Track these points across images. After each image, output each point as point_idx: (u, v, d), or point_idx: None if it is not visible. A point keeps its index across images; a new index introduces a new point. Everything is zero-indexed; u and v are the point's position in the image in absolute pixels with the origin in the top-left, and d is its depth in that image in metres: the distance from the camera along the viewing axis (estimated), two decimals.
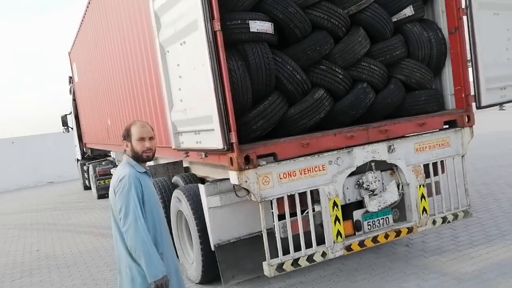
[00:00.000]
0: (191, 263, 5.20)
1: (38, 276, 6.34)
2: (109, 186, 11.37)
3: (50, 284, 5.93)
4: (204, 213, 4.56)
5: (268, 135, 4.03)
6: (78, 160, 15.88)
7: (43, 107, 44.82)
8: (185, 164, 6.42)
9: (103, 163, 13.21)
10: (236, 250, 4.55)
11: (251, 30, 3.76)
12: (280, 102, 3.94)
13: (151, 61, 5.43)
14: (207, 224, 4.52)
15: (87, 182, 14.52)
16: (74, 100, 14.46)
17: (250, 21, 3.76)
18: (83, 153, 14.88)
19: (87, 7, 9.17)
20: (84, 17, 9.75)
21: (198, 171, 5.98)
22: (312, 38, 4.06)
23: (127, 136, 2.97)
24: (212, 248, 4.48)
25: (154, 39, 4.42)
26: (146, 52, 5.53)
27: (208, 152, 4.14)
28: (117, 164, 12.11)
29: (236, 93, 3.66)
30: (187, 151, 4.51)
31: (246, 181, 3.68)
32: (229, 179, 4.63)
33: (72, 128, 15.66)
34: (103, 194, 12.86)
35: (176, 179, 5.78)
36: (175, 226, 5.43)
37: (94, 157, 14.24)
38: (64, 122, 16.02)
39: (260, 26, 3.80)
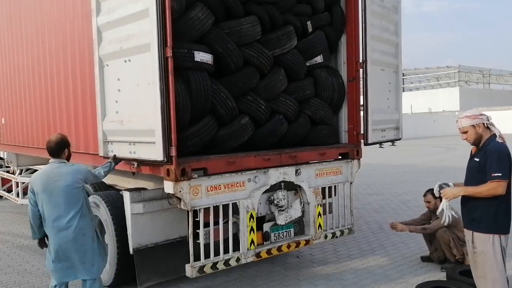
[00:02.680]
0: None
1: None
2: None
3: None
4: (126, 218, 4.86)
5: (199, 151, 4.54)
6: None
7: None
8: None
9: None
10: (152, 255, 4.93)
11: (195, 59, 4.29)
12: (213, 124, 4.50)
13: (78, 71, 5.58)
14: (128, 229, 4.83)
15: None
16: None
17: (195, 52, 4.28)
18: None
19: None
20: None
21: (106, 179, 6.19)
22: (243, 72, 4.72)
23: (68, 145, 4.19)
24: (131, 252, 4.79)
25: (94, 52, 4.68)
26: (73, 62, 5.68)
27: (140, 163, 4.50)
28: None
29: (177, 113, 4.11)
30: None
31: (180, 191, 4.14)
32: (145, 188, 5.08)
33: None
34: None
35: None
36: None
37: None
38: None
39: (202, 56, 4.34)
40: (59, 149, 4.10)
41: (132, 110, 4.30)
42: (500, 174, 3.64)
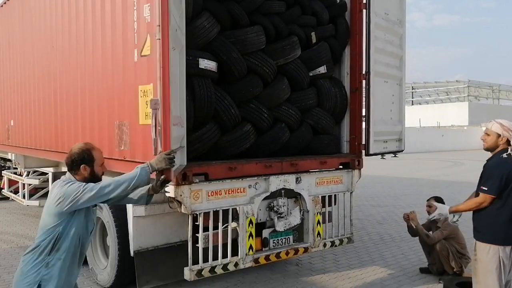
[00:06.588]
0: (102, 268, 5.48)
1: None
2: None
3: None
4: (128, 221, 4.95)
5: (200, 156, 4.62)
6: None
7: None
8: None
9: None
10: (153, 258, 4.99)
11: (199, 66, 4.39)
12: (215, 130, 4.59)
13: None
14: (129, 232, 4.91)
15: None
16: None
17: (199, 59, 4.39)
18: None
19: None
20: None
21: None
22: (247, 81, 4.81)
23: (89, 160, 3.04)
24: (132, 254, 4.86)
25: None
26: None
27: None
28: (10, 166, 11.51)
29: None
30: None
31: (181, 195, 4.21)
32: None
33: None
34: None
35: None
36: None
37: None
38: None
39: (207, 64, 4.45)
40: (71, 165, 3.08)
41: None
42: (486, 189, 3.81)
